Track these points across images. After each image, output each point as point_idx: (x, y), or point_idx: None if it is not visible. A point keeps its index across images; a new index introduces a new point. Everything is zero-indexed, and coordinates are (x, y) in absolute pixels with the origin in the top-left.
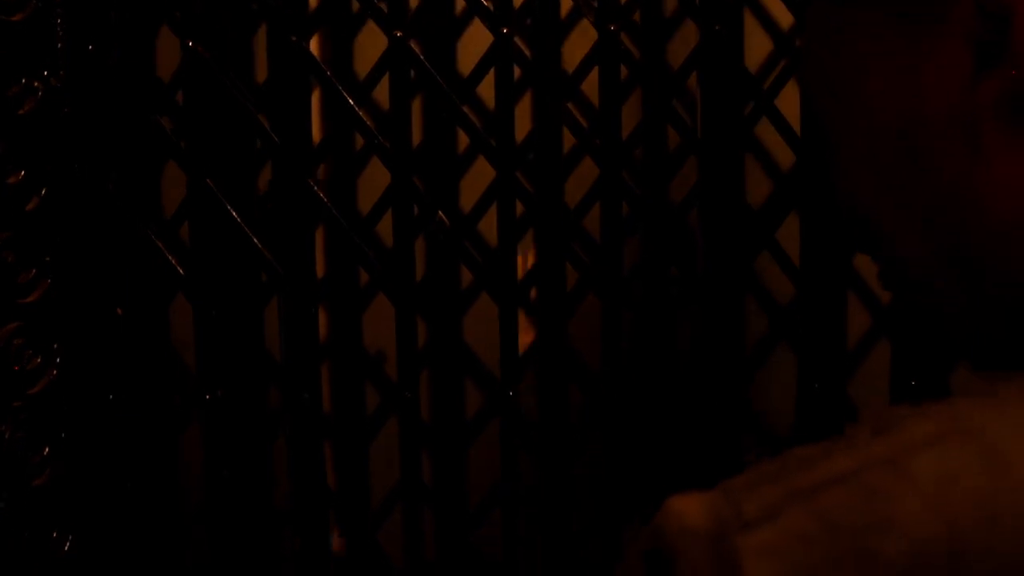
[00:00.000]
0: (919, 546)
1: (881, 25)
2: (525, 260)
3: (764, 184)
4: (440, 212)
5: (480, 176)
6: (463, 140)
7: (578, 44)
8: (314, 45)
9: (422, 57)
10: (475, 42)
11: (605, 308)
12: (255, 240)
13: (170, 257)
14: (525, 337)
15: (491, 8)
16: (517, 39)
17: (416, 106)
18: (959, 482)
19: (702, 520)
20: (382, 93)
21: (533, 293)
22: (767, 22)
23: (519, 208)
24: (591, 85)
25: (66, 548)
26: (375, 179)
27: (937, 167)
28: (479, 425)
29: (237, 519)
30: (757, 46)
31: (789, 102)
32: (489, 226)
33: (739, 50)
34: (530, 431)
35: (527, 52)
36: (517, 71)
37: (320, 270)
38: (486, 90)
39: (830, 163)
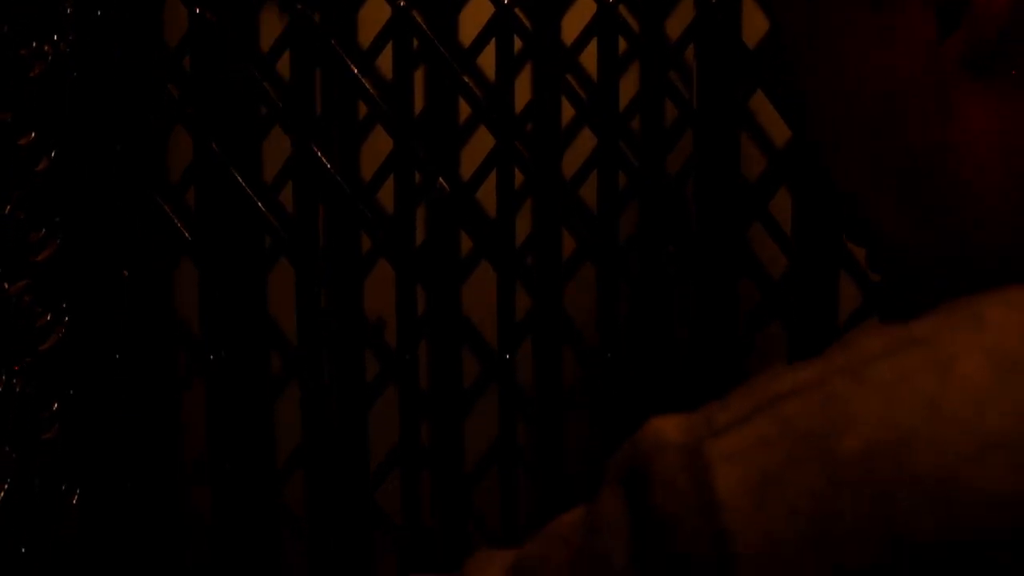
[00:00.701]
0: (872, 443)
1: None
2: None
3: (759, 159)
4: (440, 179)
5: (480, 146)
6: (464, 110)
7: (577, 17)
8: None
9: (424, 27)
10: (477, 13)
11: (601, 278)
12: (259, 204)
13: (176, 221)
14: (523, 306)
15: None
16: (517, 11)
17: (418, 77)
18: (909, 383)
19: (676, 433)
20: (385, 63)
21: (530, 261)
22: None
23: (518, 178)
24: (590, 57)
25: (74, 501)
26: (377, 148)
27: (909, 130)
28: (477, 391)
29: (239, 476)
30: (755, 21)
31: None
32: (488, 197)
33: (736, 24)
34: (526, 398)
35: (527, 24)
36: (518, 43)
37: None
38: (487, 61)
39: (812, 138)
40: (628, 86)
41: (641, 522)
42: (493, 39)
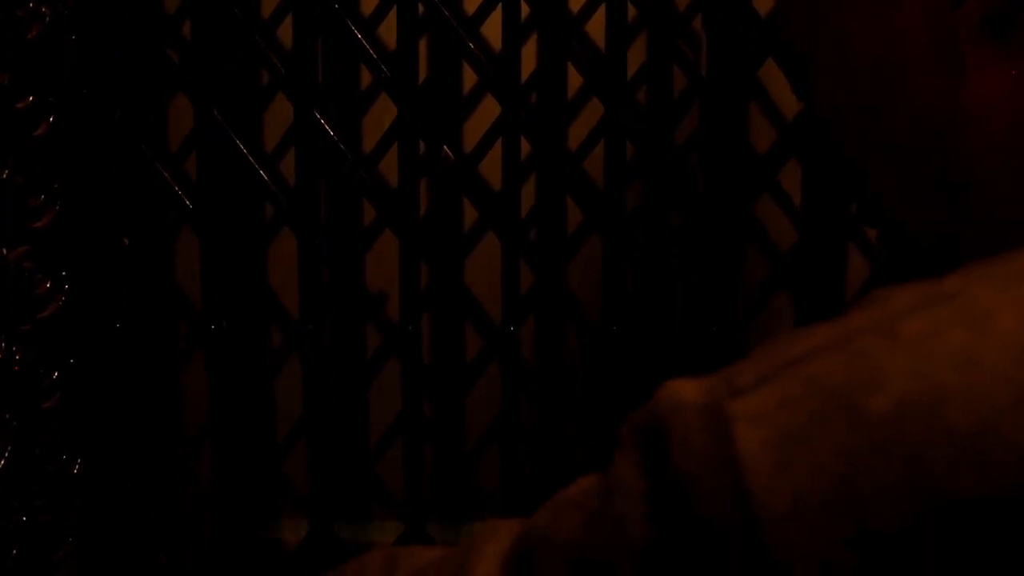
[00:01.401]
0: (904, 400)
1: None
2: None
3: (768, 130)
4: (445, 148)
5: (485, 116)
6: (469, 79)
7: None
8: None
9: None
10: None
11: (606, 250)
12: (261, 172)
13: (176, 188)
14: (527, 281)
15: None
16: None
17: (422, 46)
18: (941, 337)
19: (695, 394)
20: (389, 30)
21: (533, 235)
22: None
23: (524, 149)
24: (597, 26)
25: (75, 471)
26: (380, 117)
27: (917, 91)
28: (479, 367)
29: (240, 448)
30: None
31: None
32: (492, 168)
33: None
34: (528, 374)
35: None
36: (525, 9)
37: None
38: (492, 30)
39: (817, 111)
40: (636, 55)
41: (658, 484)
42: (499, 6)
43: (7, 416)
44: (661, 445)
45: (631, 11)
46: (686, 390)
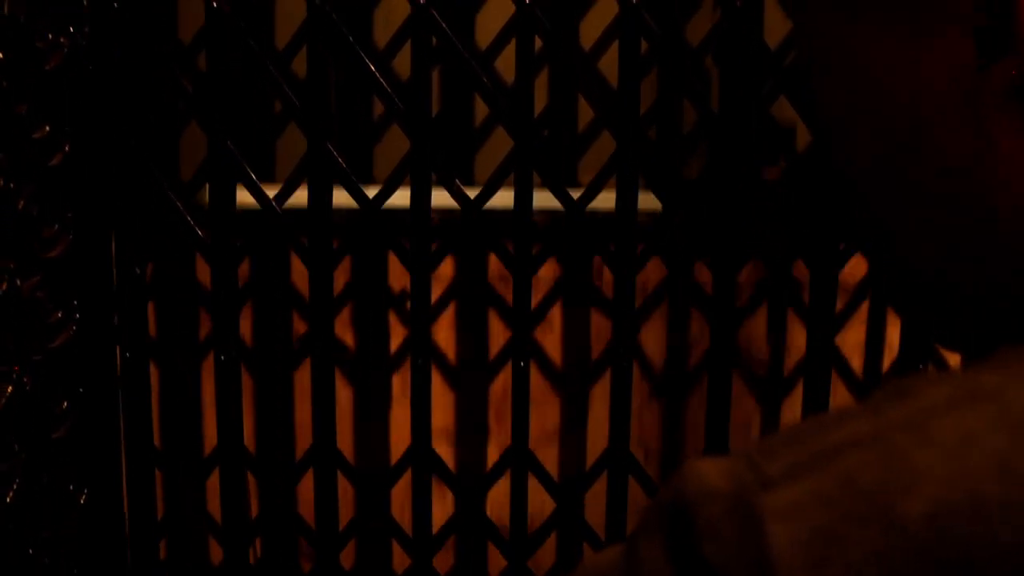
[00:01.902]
0: (941, 506)
1: (881, 19)
2: None
3: (782, 24)
4: (458, 44)
5: (498, 13)
6: (480, 111)
7: None
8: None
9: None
10: None
11: (619, 148)
12: (272, 203)
13: (187, 218)
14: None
15: None
16: None
17: (435, 78)
18: (979, 442)
19: (722, 481)
20: (402, 64)
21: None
22: None
23: (537, 43)
24: (610, 61)
25: (82, 501)
26: (393, 5)
27: (943, 147)
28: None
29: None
30: None
31: None
32: (507, 64)
33: None
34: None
35: None
36: (537, 42)
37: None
38: (506, 64)
39: (835, 158)
40: (647, 90)
41: (685, 573)
42: (513, 40)
43: (16, 447)
44: (688, 532)
45: (643, 46)
46: (712, 474)
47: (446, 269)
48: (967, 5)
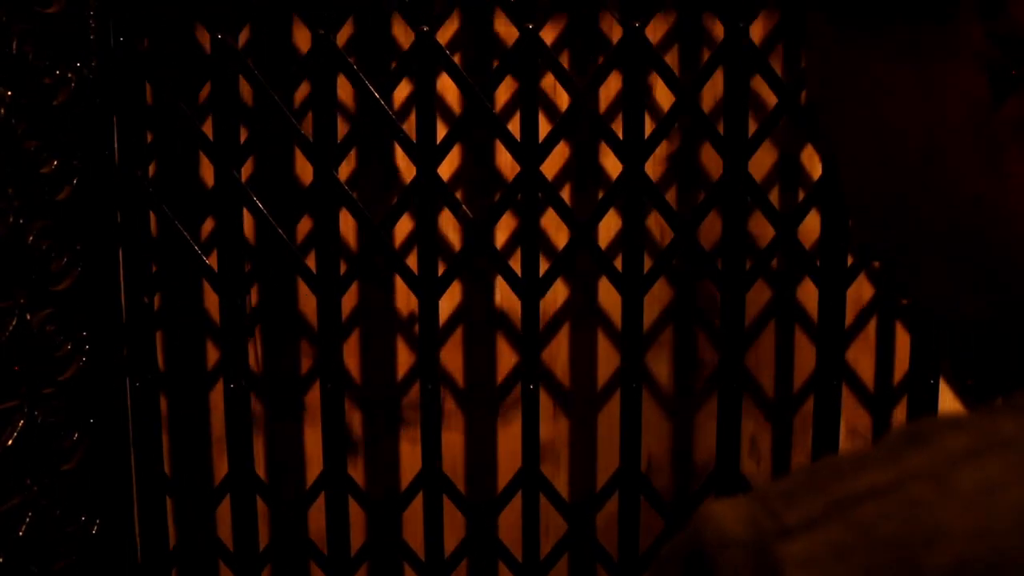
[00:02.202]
0: (963, 558)
1: (893, 54)
2: None
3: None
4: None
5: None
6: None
7: None
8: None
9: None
10: None
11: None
12: (281, 232)
13: (195, 248)
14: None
15: None
16: None
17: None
18: (1000, 494)
19: (740, 527)
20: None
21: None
22: None
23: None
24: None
25: (94, 531)
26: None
27: (956, 181)
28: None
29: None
30: None
31: None
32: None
33: None
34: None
35: None
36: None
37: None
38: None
39: (847, 191)
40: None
41: None
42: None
43: (28, 480)
44: None
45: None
46: (729, 520)
47: (453, 292)
48: (981, 40)
